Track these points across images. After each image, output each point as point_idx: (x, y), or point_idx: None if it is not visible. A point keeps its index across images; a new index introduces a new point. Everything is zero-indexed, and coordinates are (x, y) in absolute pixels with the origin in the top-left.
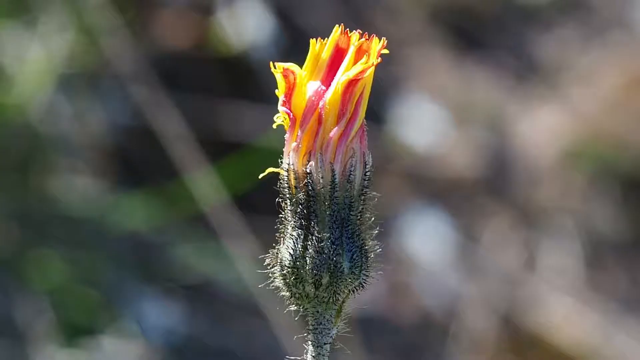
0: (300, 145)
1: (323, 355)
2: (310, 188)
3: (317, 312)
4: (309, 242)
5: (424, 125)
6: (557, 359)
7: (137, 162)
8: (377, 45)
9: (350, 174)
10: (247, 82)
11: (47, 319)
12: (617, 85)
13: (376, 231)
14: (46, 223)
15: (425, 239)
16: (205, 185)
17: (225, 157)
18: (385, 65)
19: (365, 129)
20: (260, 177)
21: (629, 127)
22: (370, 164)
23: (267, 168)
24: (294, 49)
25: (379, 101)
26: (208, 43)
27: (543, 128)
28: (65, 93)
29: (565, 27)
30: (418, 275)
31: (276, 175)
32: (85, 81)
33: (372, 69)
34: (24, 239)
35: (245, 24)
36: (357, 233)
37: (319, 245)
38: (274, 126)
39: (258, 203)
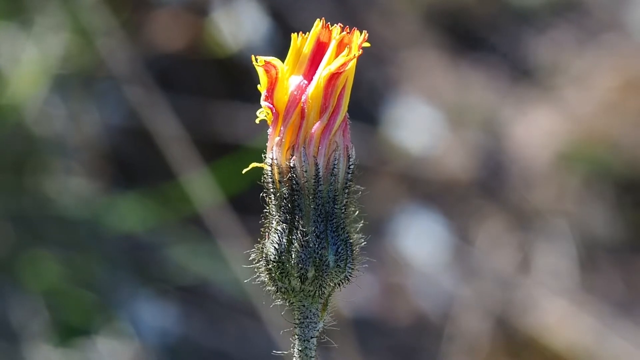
0: (283, 140)
1: (310, 349)
2: (294, 182)
3: (303, 306)
4: (294, 236)
5: (419, 127)
6: None
7: (132, 163)
8: (358, 39)
9: (334, 168)
10: (242, 83)
11: (41, 320)
12: (611, 88)
13: (361, 224)
14: (41, 224)
15: (419, 241)
16: (200, 186)
17: (220, 158)
18: (380, 67)
19: (348, 123)
20: (243, 172)
21: (623, 129)
22: (354, 157)
23: (262, 170)
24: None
25: (374, 103)
26: (203, 44)
27: (538, 130)
28: (60, 94)
29: (560, 29)
30: (413, 276)
31: None
32: (80, 82)
33: (354, 61)
34: (19, 240)
35: (240, 25)
36: (342, 226)
37: (304, 239)
38: (257, 121)
39: (252, 204)
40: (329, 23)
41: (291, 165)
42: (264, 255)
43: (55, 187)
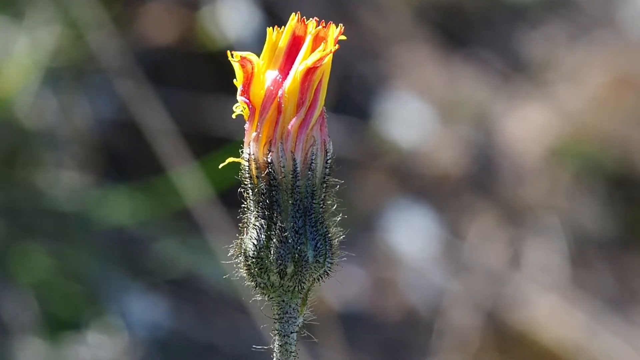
0: (260, 135)
1: (290, 344)
2: (271, 178)
3: (283, 301)
4: (273, 232)
5: (410, 121)
6: (541, 357)
7: (122, 156)
8: (334, 33)
9: (312, 163)
10: (233, 77)
11: (31, 313)
12: (603, 84)
13: (339, 217)
14: (32, 217)
15: (410, 236)
16: (191, 180)
17: (211, 152)
18: (371, 62)
19: (325, 117)
20: (220, 167)
21: (614, 125)
22: (332, 151)
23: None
24: None
25: (365, 97)
26: (194, 38)
27: (529, 126)
28: (52, 87)
29: (552, 25)
30: (403, 271)
31: None
32: (72, 75)
33: (330, 56)
34: (9, 233)
35: (231, 19)
36: (321, 221)
37: (283, 234)
38: (234, 116)
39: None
40: (304, 17)
41: (269, 160)
42: (242, 251)
43: (46, 180)
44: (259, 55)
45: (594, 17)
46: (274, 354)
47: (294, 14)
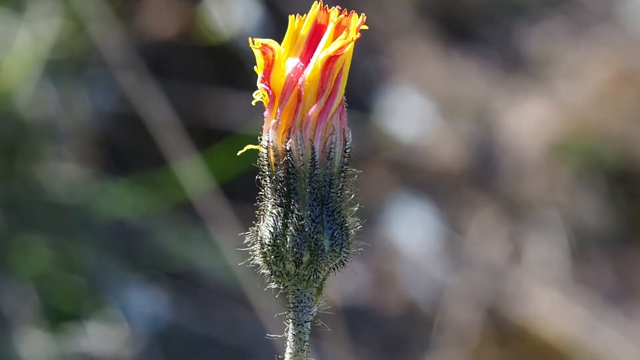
0: (279, 123)
1: (304, 333)
2: (290, 165)
3: (298, 290)
4: (289, 220)
5: (410, 116)
6: (541, 352)
7: (123, 149)
8: (356, 21)
9: (330, 151)
10: (234, 70)
11: (32, 305)
12: (604, 79)
13: (356, 208)
14: (32, 210)
15: (411, 230)
16: (192, 173)
17: (212, 145)
18: (373, 57)
19: (345, 106)
20: (239, 154)
21: (615, 121)
22: (350, 140)
23: (254, 156)
24: (281, 37)
25: (366, 92)
26: (195, 31)
27: (529, 121)
28: (52, 80)
29: (553, 20)
30: (403, 266)
31: None
32: (72, 68)
33: (352, 45)
34: (10, 226)
35: (233, 13)
36: (338, 210)
37: (300, 223)
38: (253, 103)
39: (244, 191)
40: (326, 5)
41: (287, 148)
42: (258, 239)
43: (46, 173)
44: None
45: (594, 13)
46: (287, 343)
47: (316, 2)
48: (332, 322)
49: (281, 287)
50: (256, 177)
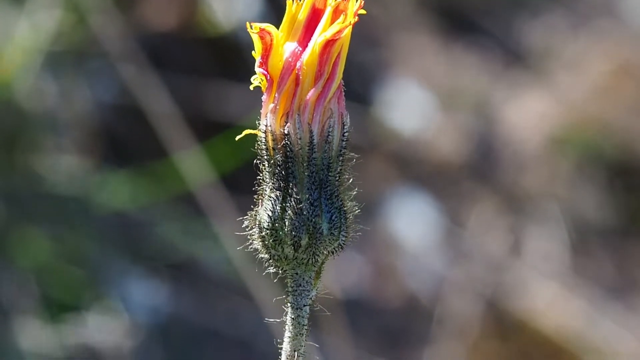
0: (277, 107)
1: (302, 316)
2: (288, 149)
3: (297, 273)
4: (288, 204)
5: (410, 109)
6: (541, 344)
7: (123, 140)
8: (353, 5)
9: (329, 135)
10: (235, 62)
11: (32, 297)
12: (604, 72)
13: (355, 192)
14: (31, 201)
15: (410, 223)
16: (192, 164)
17: (212, 137)
18: (372, 49)
19: (342, 90)
20: (237, 138)
21: (615, 114)
22: (349, 124)
23: (253, 148)
24: None
25: (365, 84)
26: (196, 23)
27: (530, 114)
28: (52, 71)
29: (553, 13)
30: (403, 258)
31: None
32: (72, 59)
33: (349, 28)
34: (9, 217)
35: (233, 4)
36: (336, 194)
37: (298, 206)
38: (251, 87)
39: (244, 183)
40: None
41: (285, 132)
42: (257, 223)
43: (46, 164)
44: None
45: (595, 6)
46: (286, 327)
47: None
48: (332, 314)
49: (280, 271)
50: (254, 162)
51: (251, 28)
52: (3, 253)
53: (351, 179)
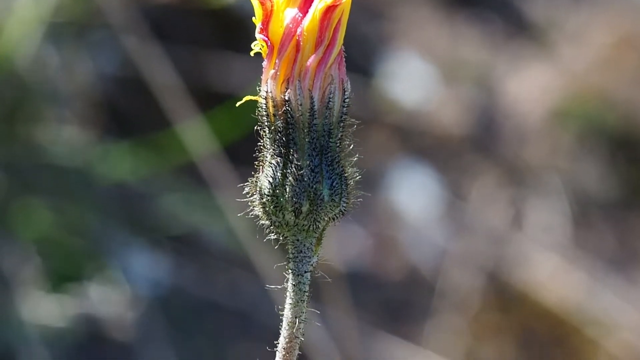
0: (278, 73)
1: (304, 283)
2: (289, 115)
3: (297, 240)
4: (289, 170)
5: (412, 81)
6: (542, 317)
7: (125, 112)
8: None
9: (329, 101)
10: (237, 33)
11: (33, 267)
12: (606, 44)
13: (355, 158)
14: (33, 172)
15: (412, 195)
16: (194, 135)
17: (214, 108)
18: (374, 22)
19: (343, 56)
20: (237, 104)
21: (617, 86)
22: (349, 90)
23: (256, 119)
24: None
25: (367, 57)
26: None
27: (532, 86)
28: (54, 42)
29: None
30: (405, 231)
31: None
32: (74, 30)
33: None
34: (10, 188)
35: None
36: (337, 160)
37: (299, 173)
38: (252, 54)
39: (247, 155)
40: None
41: (286, 98)
42: (257, 189)
43: (48, 136)
44: None
45: None
46: (287, 293)
47: None
48: (334, 287)
49: (281, 238)
50: (256, 130)
51: None
52: (4, 224)
53: (352, 146)
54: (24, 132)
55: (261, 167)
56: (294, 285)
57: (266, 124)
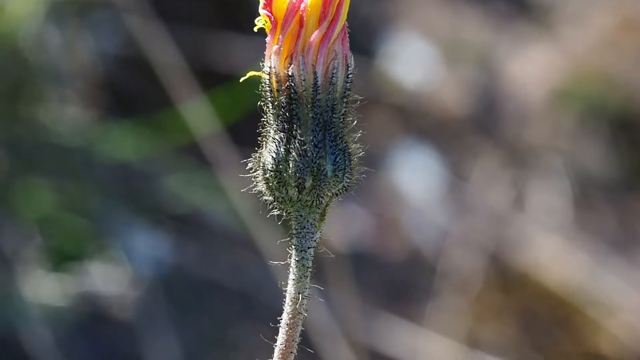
0: (281, 48)
1: (307, 259)
2: (292, 91)
3: (301, 216)
4: (292, 146)
5: (414, 62)
6: (544, 298)
7: (127, 91)
8: None
9: (333, 76)
10: (239, 13)
11: (35, 246)
12: (607, 25)
13: (359, 134)
14: (35, 152)
15: (414, 176)
16: (195, 115)
17: (216, 88)
18: (376, 2)
19: (347, 32)
20: (241, 80)
21: (619, 67)
22: (353, 66)
23: (258, 99)
24: None
25: (369, 37)
26: None
27: (533, 67)
28: (56, 21)
29: None
30: (407, 211)
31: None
32: (76, 10)
33: None
34: (13, 168)
35: None
36: (340, 136)
37: (302, 148)
38: (255, 29)
39: (247, 134)
40: None
41: (289, 73)
42: (261, 165)
43: (50, 115)
44: None
45: None
46: (290, 269)
47: None
48: (336, 267)
49: (284, 214)
50: (258, 110)
51: None
52: (6, 203)
53: (355, 122)
54: (26, 112)
55: (264, 142)
56: (297, 261)
57: (269, 99)
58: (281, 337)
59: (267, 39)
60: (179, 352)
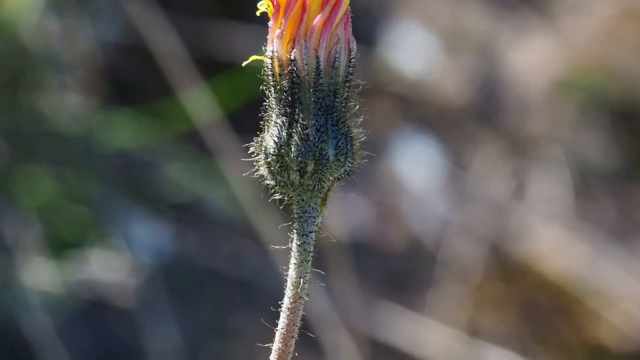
0: (284, 33)
1: (308, 243)
2: (294, 75)
3: (302, 200)
4: (294, 130)
5: (414, 51)
6: (544, 288)
7: (127, 80)
8: None
9: (335, 61)
10: (239, 1)
11: (35, 234)
12: (609, 15)
13: (361, 119)
14: (35, 140)
15: (414, 165)
16: (196, 103)
17: (216, 76)
18: None
19: (349, 16)
20: (243, 64)
21: (620, 57)
22: (355, 50)
23: (258, 87)
24: None
25: (370, 26)
26: None
27: (534, 57)
28: (56, 9)
29: None
30: (407, 200)
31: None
32: None
33: None
34: (13, 156)
35: None
36: (342, 120)
37: (304, 132)
38: (258, 13)
39: (249, 123)
40: None
41: (292, 57)
42: (263, 149)
43: (50, 104)
44: None
45: None
46: (292, 253)
47: None
48: (337, 256)
49: (286, 198)
50: (260, 95)
51: None
52: (6, 191)
53: (357, 106)
54: (27, 100)
55: (266, 126)
56: (298, 245)
57: (272, 83)
58: (282, 322)
59: (270, 23)
60: (179, 340)
